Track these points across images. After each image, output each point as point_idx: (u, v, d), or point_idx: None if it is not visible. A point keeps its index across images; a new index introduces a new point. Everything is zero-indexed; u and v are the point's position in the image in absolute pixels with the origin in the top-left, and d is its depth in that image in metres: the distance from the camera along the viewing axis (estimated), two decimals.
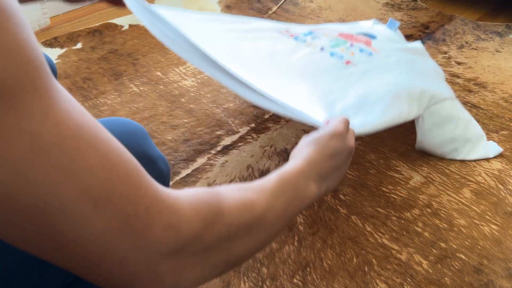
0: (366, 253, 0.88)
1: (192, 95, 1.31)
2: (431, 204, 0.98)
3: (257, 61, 0.95)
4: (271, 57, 0.98)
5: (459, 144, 1.06)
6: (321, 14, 1.78)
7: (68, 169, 0.28)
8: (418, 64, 1.11)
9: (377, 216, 0.95)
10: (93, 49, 1.52)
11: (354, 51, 1.06)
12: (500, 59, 1.48)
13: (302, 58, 0.99)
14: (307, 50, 1.03)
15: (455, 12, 1.78)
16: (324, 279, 0.84)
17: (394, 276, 0.84)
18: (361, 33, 1.17)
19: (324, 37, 1.10)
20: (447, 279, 0.84)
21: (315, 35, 1.11)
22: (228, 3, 1.84)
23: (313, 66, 0.98)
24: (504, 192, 1.01)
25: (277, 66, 0.96)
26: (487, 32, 1.62)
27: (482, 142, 1.09)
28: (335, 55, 1.03)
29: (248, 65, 0.89)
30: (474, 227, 0.93)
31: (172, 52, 1.51)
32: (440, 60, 1.47)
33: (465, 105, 1.27)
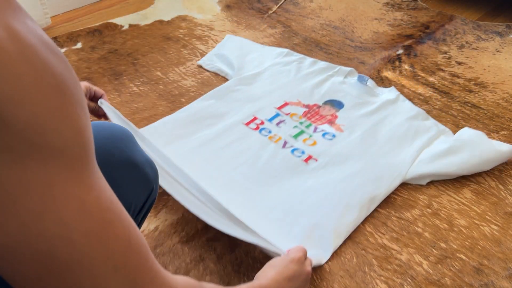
0: (366, 253, 0.88)
1: (192, 95, 1.31)
2: (431, 204, 0.98)
3: (225, 184, 0.98)
4: (237, 172, 1.02)
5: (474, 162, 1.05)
6: (321, 14, 1.78)
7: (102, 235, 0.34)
8: (385, 129, 1.12)
9: (377, 216, 0.95)
10: (93, 49, 1.52)
11: (317, 138, 1.11)
12: (501, 59, 1.47)
13: (266, 164, 1.03)
14: (271, 149, 1.07)
15: (456, 12, 1.78)
16: (324, 279, 0.84)
17: (394, 277, 0.84)
18: (329, 102, 1.23)
19: (289, 121, 1.16)
20: (447, 279, 0.83)
21: (281, 118, 1.16)
22: (228, 3, 1.84)
23: (274, 176, 1.00)
24: (504, 192, 1.00)
25: (241, 189, 0.98)
26: (487, 32, 1.61)
27: (486, 143, 1.08)
28: (296, 151, 1.07)
29: (219, 189, 0.93)
30: (474, 227, 0.93)
31: (172, 52, 1.51)
32: (440, 60, 1.47)
33: (466, 105, 1.27)
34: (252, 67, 1.36)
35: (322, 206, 0.94)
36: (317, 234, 0.88)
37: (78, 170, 0.33)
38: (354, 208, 0.93)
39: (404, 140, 1.09)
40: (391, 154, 1.06)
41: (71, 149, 0.33)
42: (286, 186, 0.99)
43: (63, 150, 0.33)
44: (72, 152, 0.33)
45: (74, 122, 0.33)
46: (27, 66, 0.31)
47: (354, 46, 1.57)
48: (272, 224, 0.90)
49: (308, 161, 1.04)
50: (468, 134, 1.09)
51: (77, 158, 0.34)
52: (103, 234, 0.34)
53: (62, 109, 0.32)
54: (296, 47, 1.55)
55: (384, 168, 1.02)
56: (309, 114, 1.19)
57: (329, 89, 1.27)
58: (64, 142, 0.32)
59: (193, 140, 1.10)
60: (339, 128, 1.14)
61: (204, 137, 1.10)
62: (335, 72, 1.33)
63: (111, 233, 0.35)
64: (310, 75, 1.33)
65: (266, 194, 0.97)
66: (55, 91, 0.32)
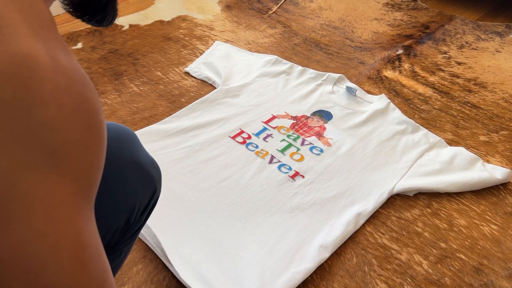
0: (366, 253, 0.88)
1: (192, 95, 1.31)
2: (431, 204, 0.98)
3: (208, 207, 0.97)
4: (221, 185, 1.00)
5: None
6: (321, 14, 1.78)
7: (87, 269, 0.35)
8: (373, 144, 1.11)
9: (377, 216, 0.95)
10: (93, 49, 1.52)
11: (304, 152, 1.09)
12: (500, 59, 1.48)
13: (251, 179, 1.02)
14: (257, 164, 1.06)
15: (455, 12, 1.78)
16: (324, 278, 0.84)
17: (394, 276, 0.84)
18: (317, 113, 1.22)
19: (277, 135, 1.14)
20: (447, 279, 0.84)
21: (268, 132, 1.15)
22: (228, 3, 1.84)
23: (260, 192, 0.99)
24: (504, 192, 1.01)
25: (226, 204, 0.97)
26: (487, 32, 1.62)
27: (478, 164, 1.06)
28: (283, 167, 1.05)
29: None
30: (474, 227, 0.93)
31: (172, 52, 1.51)
32: (440, 60, 1.48)
33: (465, 105, 1.27)
34: (240, 78, 1.35)
35: (309, 226, 0.92)
36: (303, 250, 0.87)
37: (83, 201, 0.36)
38: (341, 226, 0.91)
39: (392, 156, 1.07)
40: (379, 171, 1.04)
41: (83, 180, 0.36)
42: (272, 203, 0.97)
43: (77, 179, 0.35)
44: (83, 183, 0.36)
45: (94, 157, 0.36)
46: (68, 97, 0.34)
47: (354, 46, 1.57)
48: (256, 242, 0.89)
49: (294, 178, 1.03)
50: (462, 157, 1.05)
51: (85, 190, 0.36)
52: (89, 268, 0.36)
53: (86, 143, 0.36)
54: (296, 47, 1.56)
55: (372, 185, 1.00)
56: (297, 126, 1.18)
57: (318, 99, 1.26)
58: (80, 172, 0.35)
59: (178, 150, 1.08)
60: (327, 142, 1.12)
61: (189, 148, 1.09)
62: (324, 81, 1.32)
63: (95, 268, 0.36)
64: (298, 87, 1.32)
65: (251, 211, 0.95)
66: (85, 125, 0.36)
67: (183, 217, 0.92)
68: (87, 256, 0.35)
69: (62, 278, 0.34)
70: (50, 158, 0.33)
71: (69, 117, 0.34)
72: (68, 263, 0.34)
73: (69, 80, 0.35)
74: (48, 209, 0.33)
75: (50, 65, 0.34)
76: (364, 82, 1.37)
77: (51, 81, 0.34)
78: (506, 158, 1.09)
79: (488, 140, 1.15)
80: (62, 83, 0.34)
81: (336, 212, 0.94)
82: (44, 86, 0.33)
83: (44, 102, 0.33)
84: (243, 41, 1.58)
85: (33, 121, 0.33)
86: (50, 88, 0.33)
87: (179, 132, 1.14)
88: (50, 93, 0.33)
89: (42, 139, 0.33)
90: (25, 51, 0.33)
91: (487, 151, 1.11)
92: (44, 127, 0.33)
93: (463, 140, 1.15)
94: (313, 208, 0.96)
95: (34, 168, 0.33)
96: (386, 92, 1.32)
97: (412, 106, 1.27)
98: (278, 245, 0.88)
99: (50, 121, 0.33)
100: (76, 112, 0.35)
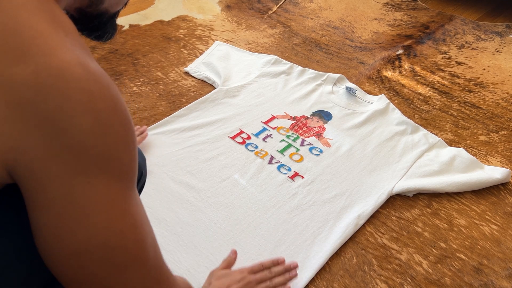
0: (366, 253, 0.88)
1: (192, 95, 1.31)
2: (431, 204, 0.98)
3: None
4: (221, 186, 1.00)
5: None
6: (321, 14, 1.78)
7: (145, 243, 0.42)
8: (372, 145, 1.10)
9: (377, 216, 0.95)
10: (93, 48, 1.52)
11: (304, 153, 1.09)
12: (500, 59, 1.48)
13: (251, 179, 1.02)
14: (257, 164, 1.06)
15: (455, 12, 1.78)
16: (324, 278, 0.84)
17: (394, 276, 0.84)
18: (317, 112, 1.22)
19: (276, 135, 1.14)
20: (447, 279, 0.84)
21: (268, 132, 1.15)
22: (228, 3, 1.84)
23: (259, 192, 0.99)
24: (504, 192, 1.01)
25: (225, 204, 0.97)
26: (487, 32, 1.62)
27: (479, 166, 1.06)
28: (283, 167, 1.05)
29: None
30: (474, 227, 0.93)
31: (172, 52, 1.51)
32: (440, 60, 1.48)
33: (465, 105, 1.27)
34: (239, 78, 1.35)
35: (308, 228, 0.92)
36: (301, 256, 0.87)
37: (131, 191, 0.42)
38: (341, 229, 0.91)
39: (392, 156, 1.07)
40: (378, 171, 1.04)
41: (127, 174, 0.41)
42: (271, 203, 0.97)
43: (122, 175, 0.40)
44: (128, 177, 0.41)
45: (132, 152, 0.41)
46: (103, 103, 0.38)
47: (354, 46, 1.57)
48: (255, 242, 0.89)
49: (294, 178, 1.03)
50: (462, 159, 1.05)
51: (131, 181, 0.42)
52: (146, 242, 0.42)
53: (124, 141, 0.40)
54: (296, 47, 1.56)
55: (371, 186, 1.00)
56: (296, 126, 1.18)
57: (317, 100, 1.26)
58: (123, 168, 0.40)
59: (178, 151, 1.08)
60: (327, 143, 1.12)
61: (188, 148, 1.09)
62: (323, 81, 1.32)
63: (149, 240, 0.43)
64: (298, 87, 1.31)
65: (250, 211, 0.95)
66: (121, 126, 0.40)
67: (181, 219, 0.92)
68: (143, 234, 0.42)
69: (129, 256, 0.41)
70: (97, 162, 0.38)
71: (107, 121, 0.38)
72: (132, 244, 0.41)
73: (100, 85, 0.39)
74: (104, 206, 0.39)
75: (83, 74, 0.37)
76: (364, 82, 1.37)
77: (86, 90, 0.37)
78: (506, 158, 1.09)
79: (488, 140, 1.15)
80: (95, 90, 0.38)
81: (335, 213, 0.94)
82: (81, 96, 0.37)
83: (84, 112, 0.37)
84: (243, 41, 1.58)
85: (77, 130, 0.36)
86: (86, 98, 0.37)
87: (179, 133, 1.14)
88: (87, 102, 0.37)
89: (88, 145, 0.37)
90: (60, 63, 0.36)
91: (487, 151, 1.11)
92: (87, 135, 0.37)
93: (463, 140, 1.15)
94: (313, 209, 0.96)
95: (85, 172, 0.37)
96: (386, 92, 1.32)
97: (412, 106, 1.27)
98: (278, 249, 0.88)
99: (92, 128, 0.37)
100: (112, 115, 0.39)
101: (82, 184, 0.38)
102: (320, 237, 0.90)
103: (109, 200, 0.39)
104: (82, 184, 0.38)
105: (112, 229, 0.39)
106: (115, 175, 0.40)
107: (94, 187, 0.38)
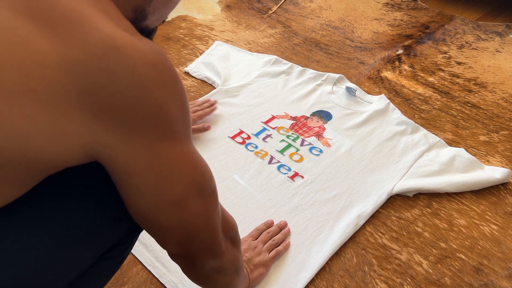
0: (366, 253, 0.88)
1: (192, 95, 1.31)
2: (431, 204, 0.98)
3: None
4: (221, 186, 1.01)
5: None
6: (321, 14, 1.78)
7: (212, 191, 0.52)
8: (372, 145, 1.10)
9: (377, 216, 0.95)
10: None
11: (304, 153, 1.09)
12: (500, 59, 1.47)
13: (251, 179, 1.02)
14: (257, 164, 1.06)
15: (455, 12, 1.78)
16: (324, 278, 0.84)
17: (394, 276, 0.84)
18: (317, 113, 1.22)
19: (276, 135, 1.14)
20: (447, 279, 0.84)
21: (268, 132, 1.15)
22: (228, 3, 1.84)
23: (259, 192, 0.99)
24: (504, 192, 1.01)
25: (226, 203, 0.97)
26: (487, 32, 1.62)
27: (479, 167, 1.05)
28: (283, 167, 1.05)
29: None
30: (474, 227, 0.93)
31: (171, 52, 1.51)
32: (440, 60, 1.48)
33: (465, 105, 1.27)
34: (239, 78, 1.34)
35: (308, 228, 0.92)
36: (301, 256, 0.87)
37: (191, 143, 0.48)
38: (341, 229, 0.91)
39: (392, 156, 1.07)
40: (378, 171, 1.04)
41: (189, 130, 0.47)
42: (271, 203, 0.97)
43: (188, 131, 0.47)
44: (189, 131, 0.47)
45: (189, 112, 0.47)
46: (169, 74, 0.42)
47: (354, 46, 1.57)
48: None
49: (294, 178, 1.03)
50: (462, 159, 1.05)
51: (190, 134, 0.48)
52: (211, 173, 0.51)
53: (186, 104, 0.46)
54: (296, 47, 1.56)
55: (371, 186, 1.00)
56: (296, 126, 1.18)
57: (317, 100, 1.26)
58: (189, 125, 0.47)
59: None
60: (327, 143, 1.12)
61: None
62: (323, 81, 1.32)
63: (214, 187, 0.52)
64: (298, 87, 1.31)
65: (250, 211, 0.95)
66: (182, 91, 0.45)
67: None
68: (209, 168, 0.50)
69: (211, 187, 0.50)
70: (171, 126, 0.43)
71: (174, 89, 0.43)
72: (209, 178, 0.50)
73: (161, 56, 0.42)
74: (186, 159, 0.46)
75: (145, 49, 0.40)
76: (364, 82, 1.37)
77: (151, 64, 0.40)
78: (506, 158, 1.09)
79: (488, 140, 1.15)
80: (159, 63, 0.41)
81: (335, 213, 0.94)
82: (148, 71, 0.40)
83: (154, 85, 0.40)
84: (243, 41, 1.58)
85: (151, 103, 0.40)
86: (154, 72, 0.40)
87: None
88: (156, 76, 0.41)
89: (162, 114, 0.42)
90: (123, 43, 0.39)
91: (487, 151, 1.11)
92: (160, 105, 0.41)
93: (463, 140, 1.15)
94: (313, 209, 0.95)
95: (165, 136, 0.43)
96: (386, 92, 1.32)
97: (412, 106, 1.27)
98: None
99: (163, 99, 0.41)
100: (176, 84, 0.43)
101: (164, 148, 0.43)
102: (320, 237, 0.90)
103: (186, 153, 0.46)
104: (164, 148, 0.43)
105: (197, 172, 0.47)
106: (185, 133, 0.46)
107: (174, 147, 0.44)
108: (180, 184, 0.45)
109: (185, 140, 0.46)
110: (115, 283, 0.82)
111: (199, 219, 0.49)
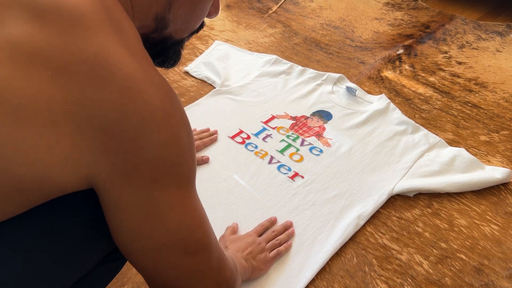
0: (367, 253, 0.88)
1: (192, 94, 1.31)
2: (432, 204, 0.98)
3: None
4: (221, 185, 1.01)
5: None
6: (321, 13, 1.78)
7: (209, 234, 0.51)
8: (372, 145, 1.10)
9: (377, 216, 0.95)
10: None
11: (304, 153, 1.09)
12: (501, 58, 1.47)
13: (251, 179, 1.02)
14: (257, 164, 1.06)
15: (456, 12, 1.78)
16: (324, 279, 0.84)
17: (394, 276, 0.84)
18: (317, 113, 1.21)
19: (276, 135, 1.14)
20: (447, 279, 0.83)
21: (268, 132, 1.15)
22: (228, 3, 1.84)
23: (260, 192, 0.99)
24: (504, 192, 1.00)
25: (226, 204, 0.97)
26: (488, 32, 1.61)
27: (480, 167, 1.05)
28: (283, 167, 1.05)
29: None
30: (475, 227, 0.93)
31: None
32: (440, 59, 1.47)
33: (466, 105, 1.27)
34: (239, 77, 1.34)
35: (308, 228, 0.92)
36: (301, 256, 0.87)
37: (194, 189, 0.48)
38: (341, 229, 0.91)
39: (392, 156, 1.07)
40: (378, 171, 1.03)
41: (192, 176, 0.47)
42: (271, 204, 0.97)
43: (189, 177, 0.47)
44: (192, 178, 0.47)
45: (194, 156, 0.47)
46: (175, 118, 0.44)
47: (354, 46, 1.57)
48: None
49: (294, 178, 1.02)
50: (463, 159, 1.04)
51: (194, 181, 0.48)
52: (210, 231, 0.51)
53: (190, 148, 0.46)
54: (296, 47, 1.55)
55: (372, 186, 1.00)
56: (296, 126, 1.17)
57: (317, 99, 1.26)
58: (189, 171, 0.46)
59: None
60: (327, 143, 1.12)
61: None
62: (323, 81, 1.31)
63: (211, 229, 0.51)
64: (298, 87, 1.31)
65: (250, 212, 0.95)
66: (187, 135, 0.45)
67: None
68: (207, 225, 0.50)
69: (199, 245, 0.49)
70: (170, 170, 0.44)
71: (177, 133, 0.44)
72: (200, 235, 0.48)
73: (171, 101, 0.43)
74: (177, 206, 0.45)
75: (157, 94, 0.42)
76: (365, 81, 1.37)
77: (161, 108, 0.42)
78: (506, 158, 1.09)
79: (489, 140, 1.15)
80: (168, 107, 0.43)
81: (335, 213, 0.94)
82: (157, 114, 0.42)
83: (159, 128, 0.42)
84: (243, 40, 1.58)
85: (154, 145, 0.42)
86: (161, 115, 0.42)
87: None
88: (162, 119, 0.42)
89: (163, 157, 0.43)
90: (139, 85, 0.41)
91: (488, 151, 1.11)
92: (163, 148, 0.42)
93: (463, 140, 1.15)
94: (313, 209, 0.95)
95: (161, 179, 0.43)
96: (387, 92, 1.32)
97: (412, 106, 1.27)
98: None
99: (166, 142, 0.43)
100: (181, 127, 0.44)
101: (158, 190, 0.43)
102: (321, 237, 0.89)
103: (181, 201, 0.46)
104: (158, 190, 0.43)
105: (185, 225, 0.46)
106: (184, 178, 0.46)
107: (168, 192, 0.44)
108: (162, 230, 0.45)
109: (184, 186, 0.46)
110: (115, 283, 0.82)
111: (180, 273, 0.48)
